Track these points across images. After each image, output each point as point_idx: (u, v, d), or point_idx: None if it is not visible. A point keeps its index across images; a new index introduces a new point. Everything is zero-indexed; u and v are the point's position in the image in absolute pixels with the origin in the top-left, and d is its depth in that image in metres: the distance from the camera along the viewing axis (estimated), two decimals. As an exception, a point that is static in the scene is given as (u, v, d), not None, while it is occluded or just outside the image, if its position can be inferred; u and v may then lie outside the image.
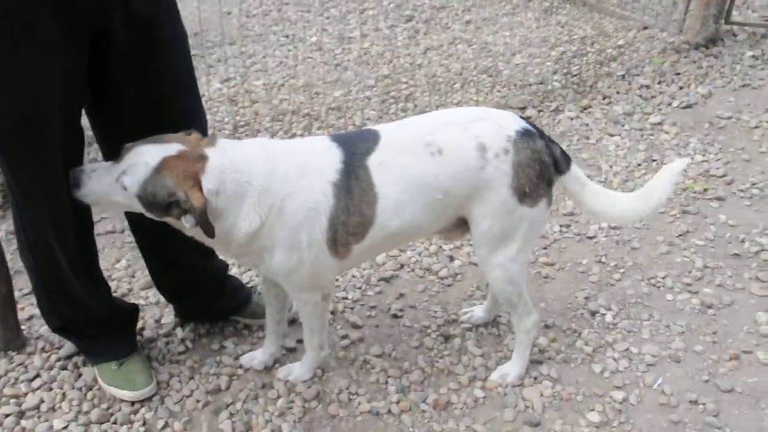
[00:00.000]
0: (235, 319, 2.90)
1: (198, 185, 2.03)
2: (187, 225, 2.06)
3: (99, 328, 2.52)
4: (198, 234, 2.13)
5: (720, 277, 3.13)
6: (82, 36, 1.98)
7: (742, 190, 3.73)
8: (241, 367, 2.70)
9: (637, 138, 4.25)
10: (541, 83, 4.85)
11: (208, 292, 2.77)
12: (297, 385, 2.60)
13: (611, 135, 4.31)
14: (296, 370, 2.63)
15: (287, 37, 5.79)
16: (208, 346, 2.81)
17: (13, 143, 2.02)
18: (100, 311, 2.49)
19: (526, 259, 2.46)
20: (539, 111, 4.56)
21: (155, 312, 2.97)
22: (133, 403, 2.53)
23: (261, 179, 2.13)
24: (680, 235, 3.40)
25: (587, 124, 4.42)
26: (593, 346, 2.78)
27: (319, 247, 2.23)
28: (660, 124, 4.36)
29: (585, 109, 4.58)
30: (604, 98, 4.67)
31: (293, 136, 4.35)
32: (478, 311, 2.91)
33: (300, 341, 2.81)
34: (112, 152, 2.16)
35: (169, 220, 2.12)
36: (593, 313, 2.94)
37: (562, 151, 2.37)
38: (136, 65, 2.11)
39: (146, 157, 2.04)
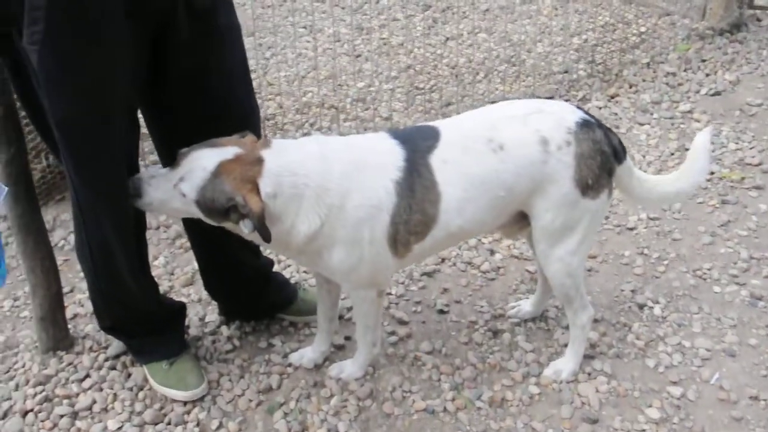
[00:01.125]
0: (280, 317, 2.85)
1: (256, 189, 2.00)
2: (245, 230, 2.02)
3: (149, 327, 2.48)
4: (255, 238, 2.08)
5: (767, 269, 3.09)
6: (148, 33, 1.94)
7: (780, 177, 3.68)
8: (290, 365, 2.66)
9: (668, 127, 4.20)
10: (566, 72, 4.81)
11: (254, 289, 2.73)
12: (350, 383, 2.56)
13: (641, 124, 4.27)
14: (348, 368, 2.59)
15: (305, 28, 5.72)
16: (255, 344, 2.77)
17: (84, 141, 1.97)
18: (150, 310, 2.45)
19: (586, 253, 2.43)
20: (566, 101, 4.50)
21: (198, 310, 2.93)
22: (185, 403, 2.49)
23: (318, 179, 2.08)
24: (721, 225, 3.36)
25: (616, 113, 4.37)
26: (645, 340, 2.74)
27: (380, 244, 2.19)
28: (690, 112, 4.32)
29: (612, 98, 4.53)
30: (630, 87, 4.63)
31: (320, 129, 4.30)
32: (525, 305, 2.87)
33: (349, 338, 2.78)
34: (169, 154, 2.11)
35: (228, 225, 2.07)
36: (641, 307, 2.90)
37: (620, 141, 2.34)
38: (194, 57, 2.08)
39: (203, 161, 2.00)
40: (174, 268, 3.19)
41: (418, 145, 2.19)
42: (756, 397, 2.50)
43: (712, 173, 3.74)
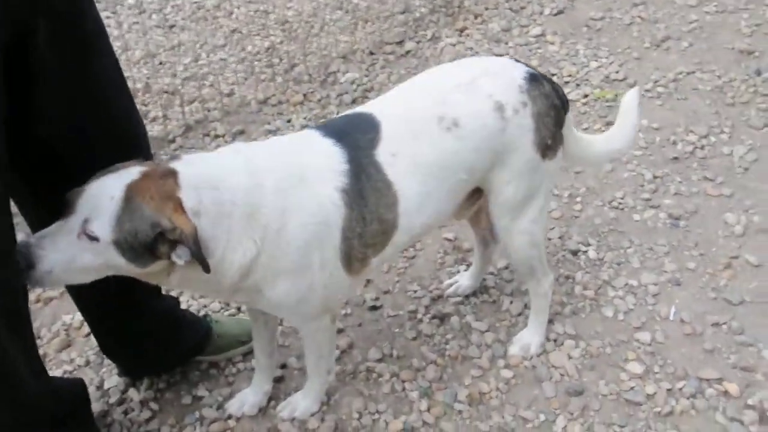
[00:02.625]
0: (197, 360, 2.40)
1: (179, 206, 1.56)
2: (180, 261, 1.57)
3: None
4: (185, 277, 1.64)
5: (672, 185, 3.05)
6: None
7: (648, 90, 3.67)
8: (230, 417, 2.24)
9: (526, 54, 4.07)
10: (405, 12, 4.51)
11: (162, 337, 2.26)
12: (308, 422, 2.21)
13: (499, 55, 4.09)
14: (301, 404, 2.22)
15: (100, 2, 4.96)
16: (177, 402, 2.31)
17: None
18: (52, 409, 1.91)
19: (546, 217, 2.19)
20: (418, 42, 4.24)
21: (90, 376, 2.40)
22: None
23: (246, 196, 1.67)
24: (615, 149, 3.27)
25: (471, 48, 4.17)
26: (593, 288, 2.60)
27: (332, 266, 1.82)
28: (542, 35, 4.21)
29: (462, 32, 4.32)
30: (476, 17, 4.44)
31: (155, 119, 3.71)
32: (463, 280, 2.62)
33: (284, 366, 2.39)
34: (46, 212, 1.60)
35: (155, 267, 1.61)
36: (575, 253, 2.76)
37: (561, 89, 2.10)
38: (65, 73, 1.57)
39: (107, 190, 1.54)
40: (38, 329, 2.60)
41: (358, 140, 1.82)
42: (717, 323, 2.44)
43: (586, 96, 3.65)
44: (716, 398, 2.21)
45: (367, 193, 1.79)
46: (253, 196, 1.68)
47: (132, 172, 1.58)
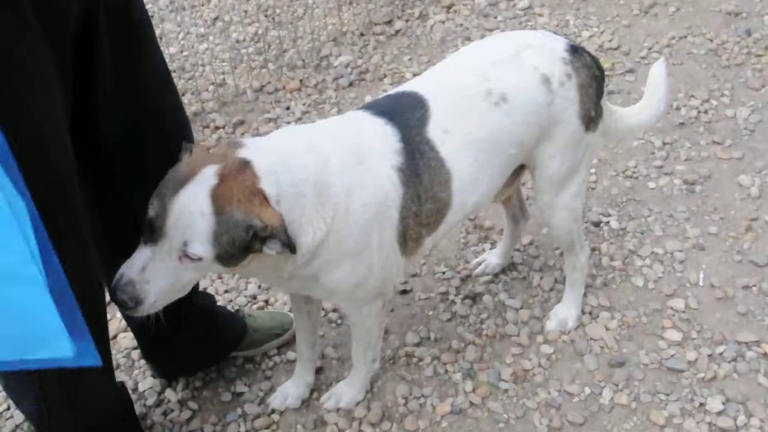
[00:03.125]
0: (232, 356, 2.35)
1: (265, 199, 1.52)
2: (272, 252, 1.55)
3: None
4: (254, 264, 1.61)
5: (682, 150, 3.06)
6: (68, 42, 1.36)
7: (643, 57, 3.67)
8: (274, 411, 2.21)
9: (516, 27, 4.03)
10: (390, -10, 4.44)
11: (199, 335, 2.20)
12: (354, 411, 2.17)
13: (489, 30, 4.06)
14: (346, 393, 2.19)
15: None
16: (217, 400, 2.27)
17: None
18: (116, 408, 1.88)
19: (585, 190, 2.18)
20: (407, 21, 4.18)
21: (122, 379, 2.33)
22: None
23: (317, 173, 1.63)
24: (620, 118, 3.27)
25: (461, 24, 4.13)
26: (620, 259, 2.60)
27: (389, 247, 1.79)
28: (530, 8, 4.18)
29: (449, 8, 4.27)
30: (461, -7, 4.38)
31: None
32: (491, 258, 2.60)
33: (322, 357, 2.36)
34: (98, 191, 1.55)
35: (245, 262, 1.57)
36: (597, 224, 2.75)
37: (599, 61, 2.09)
38: (119, 64, 1.55)
39: (191, 206, 1.47)
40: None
41: (407, 118, 1.78)
42: (747, 286, 2.46)
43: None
44: (756, 360, 2.23)
45: (421, 171, 1.76)
46: (323, 173, 1.65)
47: (208, 175, 1.50)
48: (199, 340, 2.20)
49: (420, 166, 1.76)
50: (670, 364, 2.23)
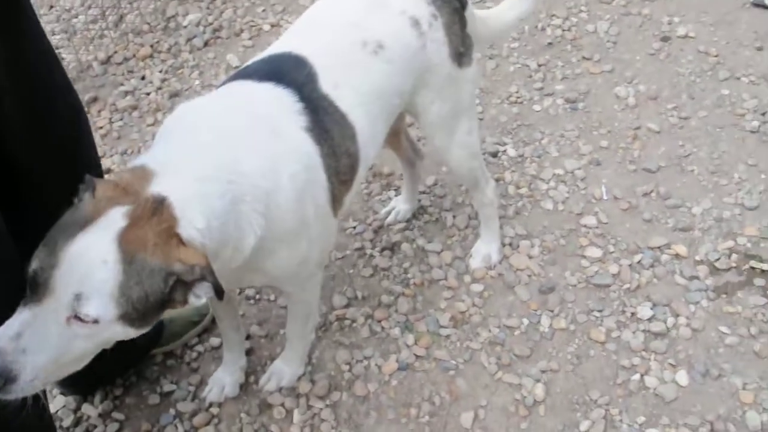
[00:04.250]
0: (150, 355, 2.15)
1: (181, 241, 1.28)
2: (203, 299, 1.30)
3: None
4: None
5: (557, 70, 3.11)
6: None
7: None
8: (212, 405, 2.04)
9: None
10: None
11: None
12: (297, 387, 2.06)
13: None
14: (285, 371, 2.07)
15: None
16: (144, 405, 2.07)
17: None
18: None
19: (477, 124, 2.13)
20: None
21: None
22: None
23: (239, 170, 1.44)
24: (491, 46, 3.26)
25: (308, -33, 3.94)
26: (525, 185, 2.61)
27: (324, 212, 1.67)
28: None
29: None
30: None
31: None
32: (400, 204, 2.53)
33: (248, 337, 2.21)
34: None
35: (166, 313, 1.35)
36: (495, 155, 2.74)
37: None
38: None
39: (91, 253, 1.20)
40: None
41: (295, 78, 1.63)
42: (646, 193, 2.55)
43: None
44: (671, 263, 2.32)
45: (329, 127, 1.64)
46: (244, 166, 1.46)
47: (114, 218, 1.24)
48: (115, 345, 1.97)
49: (327, 122, 1.63)
50: (596, 280, 2.27)
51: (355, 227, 2.52)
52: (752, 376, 2.01)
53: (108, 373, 2.07)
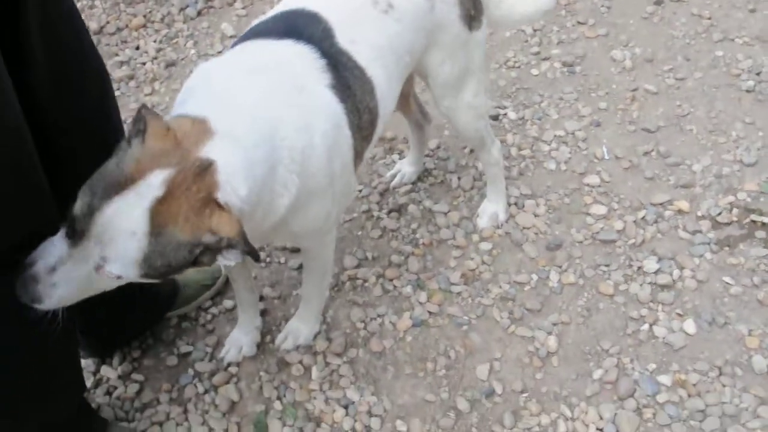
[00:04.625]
0: (165, 318, 2.16)
1: (217, 206, 1.27)
2: (230, 263, 1.31)
3: None
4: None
5: (553, 35, 3.14)
6: None
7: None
8: (230, 365, 2.06)
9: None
10: None
11: (130, 300, 1.97)
12: (314, 346, 2.08)
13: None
14: (302, 329, 2.09)
15: None
16: (162, 366, 2.09)
17: None
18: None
19: (485, 87, 2.15)
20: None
21: (46, 369, 2.08)
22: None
23: (279, 133, 1.44)
24: (486, 12, 3.28)
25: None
26: (527, 147, 2.64)
27: (348, 169, 1.69)
28: None
29: None
30: None
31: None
32: (405, 167, 2.55)
33: (261, 298, 2.24)
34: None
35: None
36: (496, 118, 2.77)
37: None
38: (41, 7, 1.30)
39: (125, 222, 1.21)
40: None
41: (312, 33, 1.63)
42: (647, 152, 2.59)
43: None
44: (674, 218, 2.37)
45: (351, 83, 1.64)
46: (282, 127, 1.46)
47: (153, 185, 1.21)
48: (132, 308, 1.99)
49: (348, 78, 1.63)
50: (602, 236, 2.31)
51: (361, 190, 2.53)
52: (756, 322, 2.07)
53: (127, 335, 2.08)
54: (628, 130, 2.67)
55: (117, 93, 2.95)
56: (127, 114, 2.86)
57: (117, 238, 1.21)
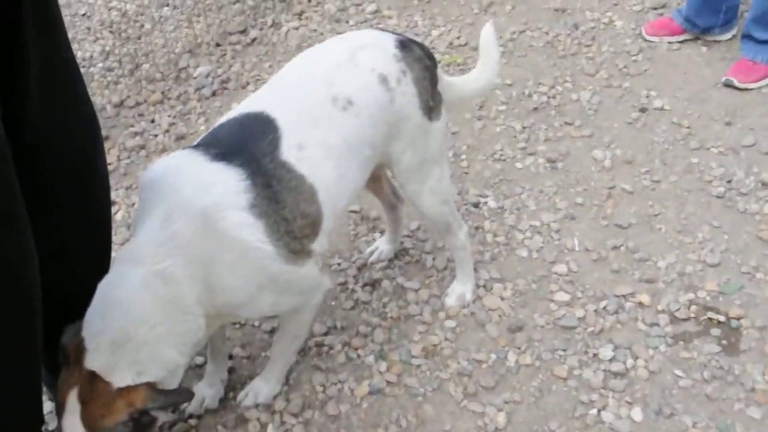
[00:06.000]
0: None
1: (120, 392, 1.64)
2: (167, 418, 1.80)
3: None
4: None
5: (540, 132, 3.31)
6: None
7: (491, 52, 3.90)
8: (191, 417, 2.16)
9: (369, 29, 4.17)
10: (237, 2, 4.46)
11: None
12: (273, 404, 2.18)
13: (341, 33, 4.17)
14: (263, 388, 2.20)
15: None
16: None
17: None
18: None
19: (449, 173, 2.32)
20: (261, 29, 4.21)
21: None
22: None
23: (171, 299, 1.70)
24: (480, 108, 3.48)
25: (315, 30, 4.21)
26: (502, 234, 2.78)
27: (280, 271, 1.83)
28: (378, 11, 4.33)
29: (300, 15, 4.34)
30: (310, 0, 4.47)
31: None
32: (383, 245, 2.69)
33: (230, 357, 2.35)
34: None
35: None
36: (476, 205, 2.92)
37: (428, 48, 2.22)
38: (42, 52, 1.51)
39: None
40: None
41: (256, 148, 1.79)
42: (616, 246, 2.70)
43: (439, 62, 3.82)
44: (634, 310, 2.46)
45: (282, 196, 1.78)
46: (172, 290, 1.69)
47: (73, 403, 1.62)
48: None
49: (279, 192, 1.77)
50: (563, 322, 2.41)
51: (339, 263, 2.67)
52: (702, 416, 2.13)
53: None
54: (601, 225, 2.80)
55: (127, 161, 3.19)
56: (132, 180, 3.07)
57: None
